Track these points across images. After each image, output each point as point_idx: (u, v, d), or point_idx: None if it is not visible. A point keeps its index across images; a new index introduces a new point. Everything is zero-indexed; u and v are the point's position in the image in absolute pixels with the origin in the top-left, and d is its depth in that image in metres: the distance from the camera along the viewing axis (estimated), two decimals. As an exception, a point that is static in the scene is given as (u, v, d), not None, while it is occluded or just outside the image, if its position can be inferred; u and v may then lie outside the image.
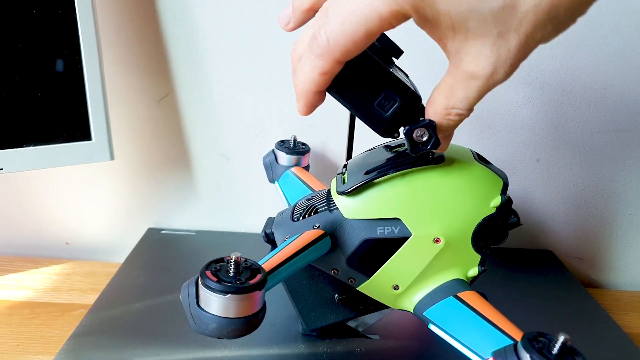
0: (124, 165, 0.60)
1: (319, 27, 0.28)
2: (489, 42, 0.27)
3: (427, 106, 0.32)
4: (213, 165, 0.61)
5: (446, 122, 0.32)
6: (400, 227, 0.36)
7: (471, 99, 0.30)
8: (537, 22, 0.26)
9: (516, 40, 0.27)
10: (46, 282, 0.56)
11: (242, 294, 0.27)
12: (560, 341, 0.28)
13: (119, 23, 0.55)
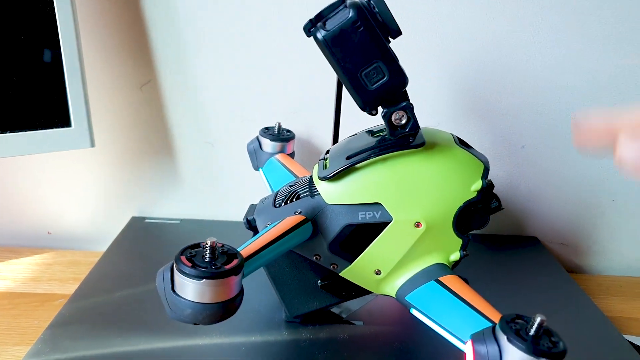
0: (106, 153, 0.60)
1: None
2: None
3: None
4: (197, 153, 0.60)
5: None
6: (382, 212, 0.36)
7: None
8: None
9: None
10: (26, 272, 0.55)
11: (217, 279, 0.27)
12: (537, 322, 0.28)
13: (99, 7, 0.54)
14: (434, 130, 0.39)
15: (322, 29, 0.32)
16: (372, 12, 0.33)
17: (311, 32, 0.32)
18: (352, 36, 0.31)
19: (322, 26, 0.32)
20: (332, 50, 0.32)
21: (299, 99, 0.57)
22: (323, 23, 0.32)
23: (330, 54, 0.32)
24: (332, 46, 0.32)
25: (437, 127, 0.57)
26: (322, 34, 0.32)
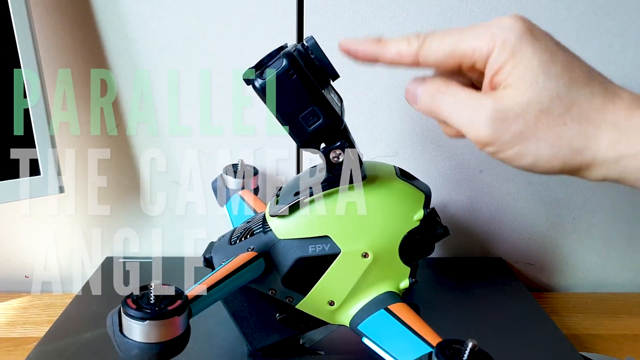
0: (78, 196, 0.61)
1: None
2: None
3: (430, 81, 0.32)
4: (166, 192, 0.62)
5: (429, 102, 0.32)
6: (330, 244, 0.38)
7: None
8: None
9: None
10: (1, 317, 0.56)
11: (160, 319, 0.28)
12: (469, 347, 0.29)
13: (65, 57, 0.56)
14: (376, 163, 0.41)
15: (259, 77, 0.34)
16: (309, 58, 0.35)
17: (250, 81, 0.34)
18: (287, 83, 0.33)
19: (259, 75, 0.34)
20: (268, 97, 0.34)
21: (262, 136, 0.59)
22: (261, 72, 0.34)
23: (266, 100, 0.34)
24: (267, 92, 0.34)
25: (395, 155, 0.60)
26: (258, 82, 0.34)
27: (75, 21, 0.55)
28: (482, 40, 0.29)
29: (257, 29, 0.56)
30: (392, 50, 0.31)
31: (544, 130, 0.29)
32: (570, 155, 0.29)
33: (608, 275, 0.66)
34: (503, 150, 0.30)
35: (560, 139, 0.29)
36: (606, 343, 0.53)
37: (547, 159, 0.29)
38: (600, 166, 0.29)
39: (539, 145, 0.29)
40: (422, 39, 0.31)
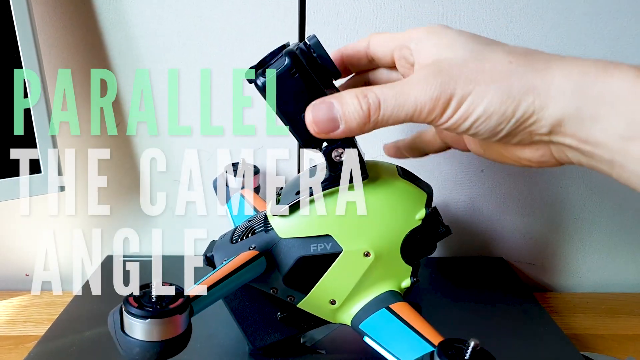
0: (78, 194, 0.61)
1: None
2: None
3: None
4: (167, 191, 0.62)
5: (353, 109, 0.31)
6: (332, 243, 0.38)
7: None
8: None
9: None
10: (2, 315, 0.56)
11: (161, 317, 0.28)
12: (471, 347, 0.29)
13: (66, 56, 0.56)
14: (378, 162, 0.41)
15: (261, 76, 0.34)
16: (311, 56, 0.35)
17: (251, 80, 0.34)
18: (289, 82, 0.33)
19: (262, 74, 0.34)
20: (274, 96, 0.34)
21: (264, 134, 0.59)
22: (262, 71, 0.34)
23: (273, 102, 0.34)
24: (269, 92, 0.34)
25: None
26: (260, 81, 0.34)
27: (76, 20, 0.55)
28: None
29: (259, 28, 0.56)
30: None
31: (490, 73, 0.28)
32: (522, 93, 0.27)
33: (609, 275, 0.66)
34: (454, 110, 0.29)
35: (508, 77, 0.28)
36: (607, 343, 0.53)
37: (499, 103, 0.28)
38: (556, 100, 0.27)
39: (488, 88, 0.28)
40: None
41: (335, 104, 0.31)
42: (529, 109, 0.28)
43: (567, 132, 0.28)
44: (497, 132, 0.29)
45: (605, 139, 0.27)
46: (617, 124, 0.26)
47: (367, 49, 0.37)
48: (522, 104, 0.28)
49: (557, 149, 0.30)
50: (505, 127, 0.29)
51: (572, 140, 0.28)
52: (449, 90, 0.28)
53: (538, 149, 0.31)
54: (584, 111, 0.27)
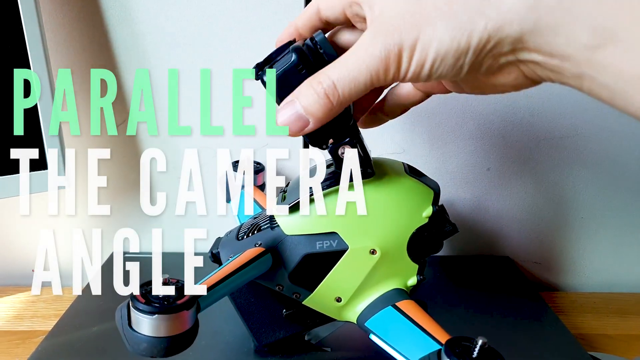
0: (85, 191, 0.61)
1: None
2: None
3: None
4: (173, 188, 0.62)
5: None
6: (338, 241, 0.38)
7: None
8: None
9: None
10: (9, 311, 0.56)
11: (169, 313, 0.28)
12: (478, 345, 0.29)
13: (73, 53, 0.56)
14: (385, 159, 0.41)
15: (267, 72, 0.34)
16: (317, 53, 0.34)
17: (258, 76, 0.34)
18: (296, 78, 0.33)
19: (269, 69, 0.34)
20: (278, 93, 0.34)
21: (262, 134, 0.59)
22: (270, 67, 0.34)
23: (277, 97, 0.34)
24: (277, 89, 0.33)
25: (402, 153, 0.59)
26: (267, 77, 0.33)
27: (83, 17, 0.56)
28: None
29: (264, 26, 0.56)
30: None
31: (432, 10, 0.26)
32: (472, 21, 0.25)
33: (616, 275, 0.65)
34: (408, 61, 0.27)
35: (451, 7, 0.26)
36: (615, 343, 0.53)
37: (449, 39, 0.26)
38: (510, 18, 0.25)
39: (434, 27, 0.26)
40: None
41: (295, 100, 0.31)
42: (483, 35, 0.26)
43: (530, 47, 0.26)
44: (460, 68, 0.27)
45: (570, 51, 0.25)
46: (580, 33, 0.24)
47: (319, 14, 0.35)
48: (475, 32, 0.26)
49: (527, 69, 0.28)
50: (465, 60, 0.27)
51: (538, 55, 0.26)
52: (396, 43, 0.27)
53: (510, 73, 0.29)
54: (543, 23, 0.25)
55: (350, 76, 0.29)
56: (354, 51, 0.29)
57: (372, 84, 0.29)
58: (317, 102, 0.30)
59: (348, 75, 0.29)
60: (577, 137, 0.59)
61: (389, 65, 0.28)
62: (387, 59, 0.28)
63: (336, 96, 0.29)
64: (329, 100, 0.30)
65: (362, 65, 0.28)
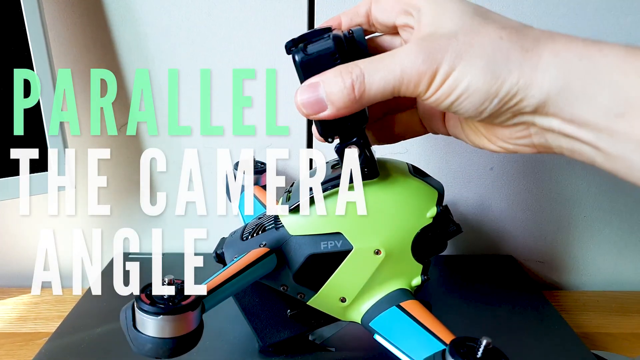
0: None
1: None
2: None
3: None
4: (176, 188, 0.61)
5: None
6: (343, 241, 0.38)
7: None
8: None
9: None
10: (13, 312, 0.56)
11: (174, 314, 0.28)
12: (482, 345, 0.29)
13: (76, 54, 0.56)
14: (389, 159, 0.41)
15: (302, 50, 0.32)
16: (355, 46, 0.33)
17: (291, 51, 0.33)
18: (328, 65, 0.32)
19: (303, 48, 0.32)
20: (305, 74, 0.32)
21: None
22: (305, 45, 0.33)
23: (303, 77, 0.33)
24: (306, 70, 0.32)
25: (405, 153, 0.59)
26: (300, 56, 0.32)
27: (86, 17, 0.55)
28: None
29: (268, 26, 0.56)
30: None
31: (478, 48, 0.27)
32: (507, 71, 0.26)
33: (619, 273, 0.65)
34: (440, 84, 0.28)
35: (495, 53, 0.27)
36: (618, 342, 0.53)
37: (482, 81, 0.27)
38: (541, 78, 0.26)
39: (473, 64, 0.27)
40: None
41: (320, 84, 0.30)
42: (513, 88, 0.27)
43: (550, 112, 0.27)
44: (481, 111, 0.28)
45: (591, 117, 0.26)
46: (604, 101, 0.25)
47: (369, 13, 0.35)
48: (507, 82, 0.27)
49: (537, 133, 0.29)
50: (489, 105, 0.28)
51: (556, 120, 0.27)
52: (436, 63, 0.28)
53: (518, 130, 0.29)
54: (571, 89, 0.26)
55: (382, 74, 0.29)
56: (394, 53, 0.29)
57: (400, 90, 0.29)
58: (341, 91, 0.30)
59: (380, 73, 0.29)
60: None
61: (422, 80, 0.28)
62: (424, 73, 0.28)
63: (361, 90, 0.29)
64: (354, 92, 0.29)
65: (398, 68, 0.28)
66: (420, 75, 0.28)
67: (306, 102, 0.31)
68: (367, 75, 0.29)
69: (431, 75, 0.28)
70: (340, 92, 0.30)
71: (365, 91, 0.29)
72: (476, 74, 0.27)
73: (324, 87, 0.30)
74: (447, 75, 0.28)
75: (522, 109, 0.27)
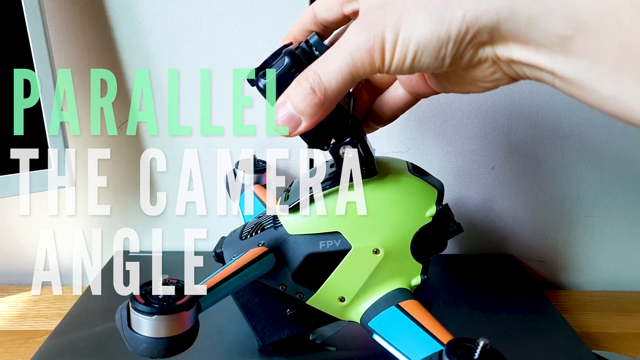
0: (89, 190, 0.61)
1: None
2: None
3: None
4: (176, 187, 0.62)
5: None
6: (341, 240, 0.38)
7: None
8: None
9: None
10: (12, 310, 0.56)
11: (168, 314, 0.28)
12: (480, 346, 0.29)
13: (76, 51, 0.56)
14: (388, 158, 0.41)
15: (262, 77, 0.33)
16: (313, 55, 0.33)
17: (253, 83, 0.33)
18: (290, 82, 0.31)
19: (262, 75, 0.33)
20: (276, 97, 0.32)
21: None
22: (263, 72, 0.33)
23: (275, 100, 0.33)
24: (272, 94, 0.32)
25: (407, 151, 0.59)
26: (262, 82, 0.33)
27: (86, 15, 0.55)
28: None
29: (269, 24, 0.56)
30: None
31: (413, 2, 0.26)
32: (451, 12, 0.26)
33: (620, 273, 0.65)
34: (392, 52, 0.27)
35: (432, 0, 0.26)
36: (618, 341, 0.53)
37: (429, 31, 0.26)
38: (488, 8, 0.25)
39: (415, 19, 0.26)
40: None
41: (287, 100, 0.30)
42: (462, 26, 0.26)
43: (508, 38, 0.26)
44: (442, 60, 0.27)
45: (544, 40, 0.25)
46: (555, 23, 0.24)
47: (315, 18, 0.35)
48: (453, 23, 0.26)
49: (504, 66, 0.28)
50: (446, 51, 0.27)
51: (515, 46, 0.26)
52: (379, 35, 0.27)
53: (488, 67, 0.29)
54: (519, 12, 0.25)
55: (335, 67, 0.28)
56: (340, 43, 0.29)
57: (359, 74, 0.29)
58: (305, 99, 0.29)
59: (333, 66, 0.29)
60: (582, 136, 0.59)
61: (374, 56, 0.28)
62: (372, 50, 0.28)
63: (322, 89, 0.29)
64: (316, 95, 0.29)
65: (347, 55, 0.28)
66: (370, 52, 0.28)
67: (280, 122, 0.31)
68: (322, 73, 0.29)
69: (380, 48, 0.28)
70: (304, 100, 0.29)
71: (327, 89, 0.29)
72: (420, 27, 0.26)
73: (290, 102, 0.30)
74: (395, 40, 0.27)
75: (478, 41, 0.27)
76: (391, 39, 0.27)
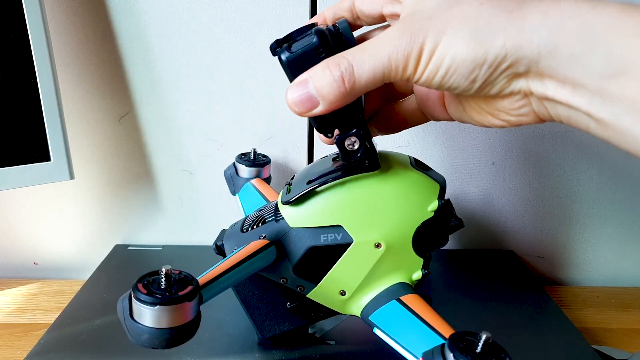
0: (88, 184, 0.61)
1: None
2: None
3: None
4: (176, 181, 0.62)
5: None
6: (343, 234, 0.37)
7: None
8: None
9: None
10: (11, 303, 0.56)
11: (170, 304, 0.28)
12: (482, 340, 0.29)
13: (76, 44, 0.56)
14: (391, 152, 0.41)
15: (286, 50, 0.32)
16: (340, 39, 0.33)
17: (276, 52, 0.33)
18: (314, 61, 0.31)
19: (288, 48, 0.32)
20: (293, 72, 0.32)
21: (274, 124, 0.59)
22: (289, 45, 0.33)
23: (292, 76, 0.32)
24: (293, 68, 0.32)
25: (407, 146, 0.59)
26: (285, 55, 0.32)
27: (86, 6, 0.55)
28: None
29: (270, 18, 0.55)
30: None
31: (458, 18, 0.26)
32: (491, 36, 0.26)
33: (620, 269, 0.65)
34: (426, 63, 0.27)
35: (476, 20, 0.26)
36: (618, 337, 0.53)
37: (467, 49, 0.26)
38: (530, 39, 0.25)
39: (455, 35, 0.26)
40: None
41: (309, 80, 0.30)
42: (500, 52, 0.26)
43: (544, 74, 0.26)
44: (472, 81, 0.27)
45: (584, 79, 0.25)
46: (597, 62, 0.24)
47: (353, 7, 0.35)
48: (492, 47, 0.26)
49: (535, 101, 0.28)
50: (479, 73, 0.27)
51: (550, 83, 0.26)
52: (419, 42, 0.27)
53: (517, 100, 0.29)
54: (562, 49, 0.25)
55: (370, 63, 0.28)
56: (379, 39, 0.28)
57: (390, 77, 0.28)
58: (331, 85, 0.29)
59: (368, 62, 0.28)
60: (580, 132, 0.58)
61: (409, 62, 0.28)
62: (409, 55, 0.27)
63: (352, 81, 0.29)
64: (344, 84, 0.29)
65: (385, 55, 0.28)
66: (406, 58, 0.28)
67: (297, 100, 0.30)
68: (356, 65, 0.29)
69: (417, 56, 0.27)
70: (330, 86, 0.29)
71: (356, 82, 0.29)
72: (460, 44, 0.26)
73: (313, 83, 0.30)
74: (432, 52, 0.27)
75: (514, 72, 0.27)
76: (429, 49, 0.27)
